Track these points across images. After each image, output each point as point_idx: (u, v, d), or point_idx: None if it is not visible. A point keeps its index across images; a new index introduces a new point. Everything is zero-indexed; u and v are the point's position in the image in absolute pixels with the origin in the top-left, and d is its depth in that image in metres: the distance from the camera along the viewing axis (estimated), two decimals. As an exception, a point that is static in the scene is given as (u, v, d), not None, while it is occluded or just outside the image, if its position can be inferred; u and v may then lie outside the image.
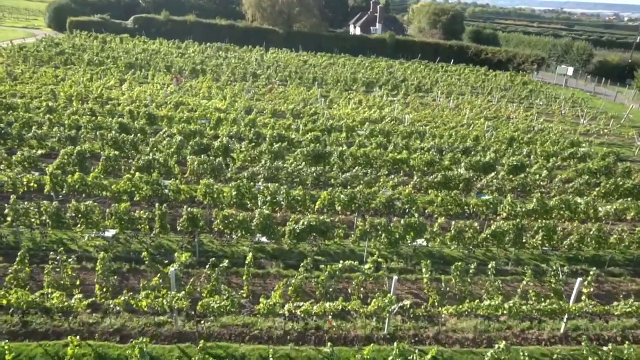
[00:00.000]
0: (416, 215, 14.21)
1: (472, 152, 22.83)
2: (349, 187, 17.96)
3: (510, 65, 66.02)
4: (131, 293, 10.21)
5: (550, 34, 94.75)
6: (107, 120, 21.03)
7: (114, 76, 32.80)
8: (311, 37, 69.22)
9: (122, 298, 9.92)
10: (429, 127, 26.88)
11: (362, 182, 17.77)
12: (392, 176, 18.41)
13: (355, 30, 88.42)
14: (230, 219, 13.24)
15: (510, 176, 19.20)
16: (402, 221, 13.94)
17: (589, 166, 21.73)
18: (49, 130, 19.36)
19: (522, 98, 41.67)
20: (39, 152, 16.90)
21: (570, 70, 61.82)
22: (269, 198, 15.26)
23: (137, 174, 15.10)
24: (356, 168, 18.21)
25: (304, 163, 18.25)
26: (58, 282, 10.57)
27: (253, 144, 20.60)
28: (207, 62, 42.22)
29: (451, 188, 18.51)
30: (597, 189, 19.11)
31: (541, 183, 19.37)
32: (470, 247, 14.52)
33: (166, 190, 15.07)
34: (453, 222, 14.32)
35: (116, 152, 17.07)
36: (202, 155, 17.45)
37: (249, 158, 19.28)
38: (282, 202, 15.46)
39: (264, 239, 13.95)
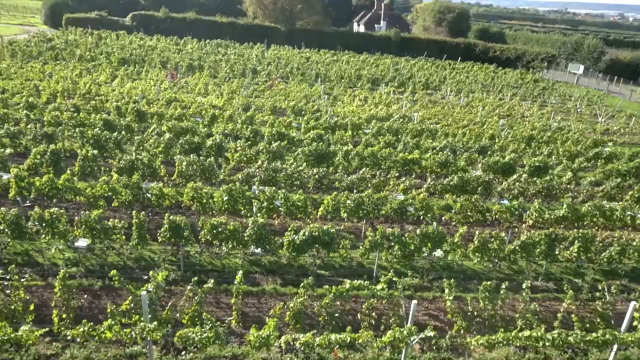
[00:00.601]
0: (433, 223, 12.35)
1: (489, 152, 20.98)
2: (355, 190, 16.14)
3: (519, 63, 64.10)
4: (92, 323, 8.39)
5: (556, 34, 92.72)
6: (91, 117, 19.25)
7: (105, 72, 31.06)
8: (314, 35, 67.43)
9: (82, 329, 8.10)
10: (440, 125, 25.04)
11: (370, 185, 15.94)
12: (404, 179, 16.55)
13: (359, 28, 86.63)
14: (220, 229, 11.42)
15: (535, 179, 17.31)
16: (417, 230, 12.09)
17: (618, 168, 19.83)
18: (24, 128, 17.59)
19: (535, 96, 39.74)
20: (7, 151, 15.12)
21: (581, 69, 59.85)
22: (265, 204, 13.45)
23: (115, 176, 13.29)
24: (363, 169, 16.36)
25: (305, 164, 16.43)
26: (7, 306, 8.77)
27: (249, 142, 18.78)
28: (205, 58, 40.45)
29: (468, 192, 16.67)
30: (630, 192, 17.22)
31: (568, 186, 17.49)
32: (496, 260, 12.66)
33: (148, 195, 13.27)
34: (477, 232, 12.45)
35: (95, 152, 15.27)
36: (192, 155, 15.65)
37: (244, 158, 17.47)
38: (280, 208, 13.66)
39: (258, 251, 12.13)
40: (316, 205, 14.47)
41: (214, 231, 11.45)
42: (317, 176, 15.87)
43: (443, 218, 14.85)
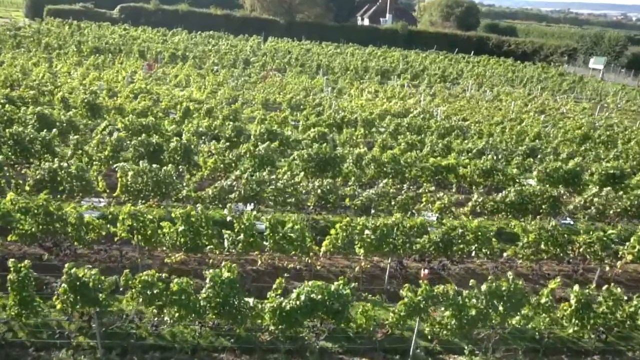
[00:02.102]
0: (510, 276, 7.65)
1: (539, 156, 16.37)
2: (373, 210, 11.52)
3: (536, 57, 59.42)
4: None
5: (573, 28, 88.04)
6: (21, 111, 14.67)
7: (70, 61, 26.49)
8: (315, 28, 62.72)
9: None
10: (469, 123, 20.39)
11: (394, 203, 11.34)
12: (441, 194, 11.88)
13: (363, 22, 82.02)
14: (155, 291, 6.80)
15: (620, 193, 12.63)
16: (484, 286, 7.45)
17: None
18: None
19: (565, 90, 35.07)
20: None
21: (603, 62, 55.09)
22: (242, 235, 8.87)
23: (10, 195, 8.67)
24: (384, 181, 11.71)
25: (302, 173, 11.77)
26: None
27: (229, 144, 14.18)
28: (192, 48, 35.85)
29: (529, 212, 12.06)
30: None
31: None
32: (602, 331, 8.06)
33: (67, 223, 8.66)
34: (575, 288, 7.81)
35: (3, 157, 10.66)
36: (143, 162, 11.04)
37: (221, 165, 12.87)
38: (264, 242, 9.08)
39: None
40: (318, 234, 9.93)
41: (147, 293, 6.83)
42: (319, 191, 11.25)
43: (505, 254, 10.20)
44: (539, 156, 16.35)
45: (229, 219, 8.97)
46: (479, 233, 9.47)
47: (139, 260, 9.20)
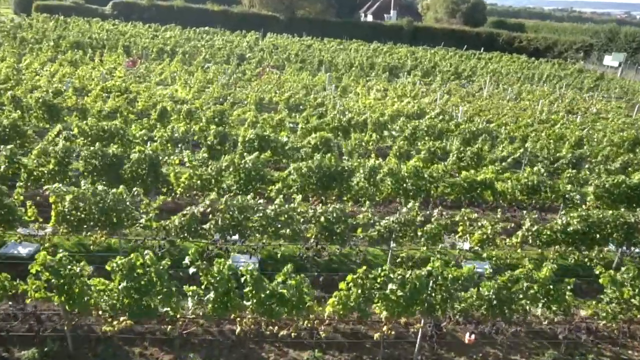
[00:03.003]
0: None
1: (587, 166, 13.55)
2: (393, 242, 8.74)
3: (550, 53, 56.49)
4: None
5: (585, 24, 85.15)
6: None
7: (43, 56, 23.75)
8: (317, 24, 59.94)
9: None
10: (494, 125, 17.55)
11: (423, 234, 8.54)
12: (484, 221, 9.03)
13: (366, 18, 79.24)
14: None
15: None
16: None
17: None
18: None
19: (590, 88, 32.19)
20: None
21: (622, 59, 52.13)
22: (210, 296, 6.08)
23: None
24: (409, 205, 8.86)
25: (299, 197, 8.92)
26: None
27: (208, 154, 11.40)
28: (183, 44, 33.04)
29: (595, 242, 9.26)
30: None
31: None
32: None
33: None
34: None
35: None
36: (83, 182, 8.26)
37: (197, 182, 10.08)
38: (246, 303, 6.29)
39: None
40: (321, 269, 7.18)
41: None
42: (323, 219, 8.43)
43: (583, 313, 7.38)
44: (587, 166, 13.54)
45: (191, 270, 6.17)
46: (550, 287, 6.66)
47: (65, 328, 6.43)
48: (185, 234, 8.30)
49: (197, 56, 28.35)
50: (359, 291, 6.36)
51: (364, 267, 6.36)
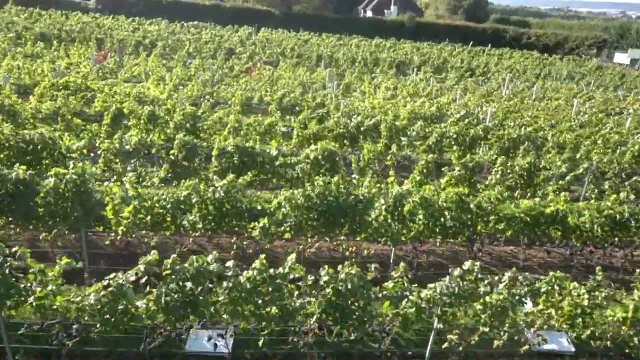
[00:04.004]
0: None
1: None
2: (437, 321, 5.55)
3: (560, 50, 53.47)
4: None
5: (594, 20, 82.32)
6: None
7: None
8: (314, 19, 56.83)
9: None
10: (531, 129, 14.37)
11: (478, 309, 5.37)
12: (581, 290, 5.84)
13: (365, 14, 76.13)
14: None
15: None
16: None
17: None
18: None
19: (616, 86, 29.15)
20: None
21: (636, 55, 49.18)
22: None
23: None
24: (468, 264, 5.67)
25: (293, 255, 5.69)
26: None
27: (169, 174, 8.21)
28: (166, 37, 29.75)
29: None
30: None
31: None
32: None
33: None
34: None
35: None
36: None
37: (145, 220, 6.90)
38: None
39: None
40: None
41: None
42: (330, 292, 5.23)
43: None
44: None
45: None
46: None
47: None
48: (108, 317, 5.11)
49: (179, 50, 25.09)
50: None
51: None
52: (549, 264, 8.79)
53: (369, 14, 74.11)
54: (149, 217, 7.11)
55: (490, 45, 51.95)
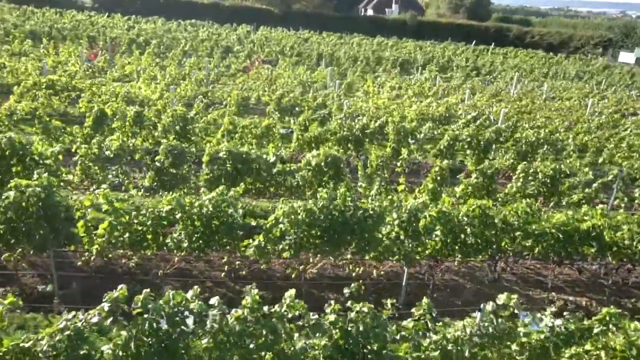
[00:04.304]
0: None
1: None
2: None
3: (565, 49, 52.56)
4: None
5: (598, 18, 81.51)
6: None
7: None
8: (314, 18, 55.98)
9: None
10: (547, 131, 13.43)
11: (514, 350, 4.43)
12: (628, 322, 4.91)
13: (366, 13, 75.24)
14: None
15: None
16: None
17: None
18: None
19: (627, 85, 28.23)
20: None
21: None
22: None
23: None
24: (503, 297, 4.73)
25: (292, 291, 4.77)
26: None
27: (154, 183, 7.27)
28: (161, 35, 28.82)
29: None
30: None
31: None
32: None
33: None
34: None
35: None
36: None
37: (123, 238, 5.95)
38: None
39: None
40: None
41: None
42: (337, 334, 4.30)
43: None
44: None
45: None
46: None
47: None
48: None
49: (174, 48, 24.13)
50: None
51: None
52: (578, 283, 7.87)
53: (370, 12, 73.21)
54: (126, 235, 6.17)
55: (493, 44, 51.10)
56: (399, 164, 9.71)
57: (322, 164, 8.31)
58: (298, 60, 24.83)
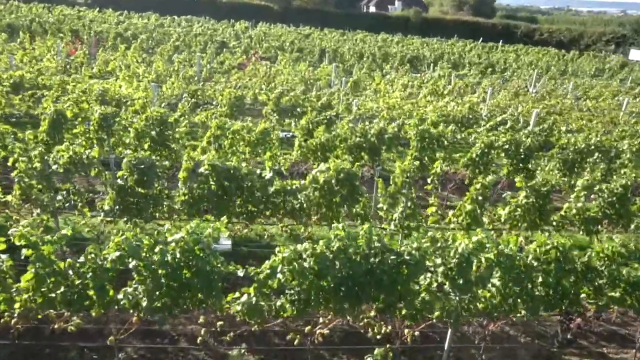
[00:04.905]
0: None
1: None
2: None
3: (575, 46, 50.68)
4: None
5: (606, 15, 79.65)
6: None
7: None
8: (315, 15, 54.26)
9: None
10: (585, 136, 11.53)
11: None
12: None
13: (368, 10, 73.42)
14: None
15: None
16: None
17: None
18: None
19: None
20: None
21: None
22: None
23: None
24: None
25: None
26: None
27: (111, 209, 5.42)
28: (152, 29, 26.92)
29: None
30: None
31: None
32: None
33: None
34: None
35: None
36: None
37: (55, 296, 4.08)
38: None
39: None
40: None
41: None
42: None
43: None
44: None
45: None
46: None
47: None
48: None
49: (165, 43, 22.23)
50: None
51: None
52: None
53: (372, 9, 71.38)
54: (61, 290, 4.32)
55: (502, 41, 49.28)
56: (429, 180, 7.83)
57: (333, 181, 6.45)
58: (299, 56, 22.92)
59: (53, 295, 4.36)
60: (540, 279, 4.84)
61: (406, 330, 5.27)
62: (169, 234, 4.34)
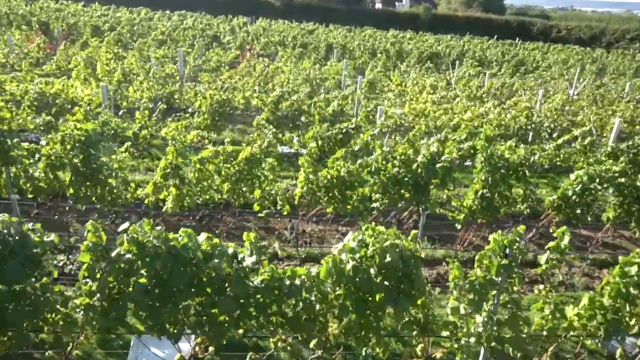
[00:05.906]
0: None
1: None
2: None
3: (595, 44, 47.56)
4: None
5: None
6: None
7: None
8: (318, 11, 51.32)
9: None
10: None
11: None
12: None
13: (374, 6, 70.49)
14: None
15: None
16: None
17: None
18: None
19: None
20: None
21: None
22: None
23: None
24: None
25: None
26: None
27: None
28: (137, 22, 23.86)
29: None
30: None
31: None
32: None
33: None
34: None
35: None
36: None
37: None
38: None
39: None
40: None
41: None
42: None
43: None
44: None
45: None
46: None
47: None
48: None
49: (146, 37, 19.17)
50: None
51: None
52: None
53: (378, 6, 68.39)
54: None
55: (517, 38, 46.21)
56: (521, 242, 4.78)
57: (373, 270, 3.40)
58: (302, 53, 19.84)
59: None
60: None
61: None
62: None
